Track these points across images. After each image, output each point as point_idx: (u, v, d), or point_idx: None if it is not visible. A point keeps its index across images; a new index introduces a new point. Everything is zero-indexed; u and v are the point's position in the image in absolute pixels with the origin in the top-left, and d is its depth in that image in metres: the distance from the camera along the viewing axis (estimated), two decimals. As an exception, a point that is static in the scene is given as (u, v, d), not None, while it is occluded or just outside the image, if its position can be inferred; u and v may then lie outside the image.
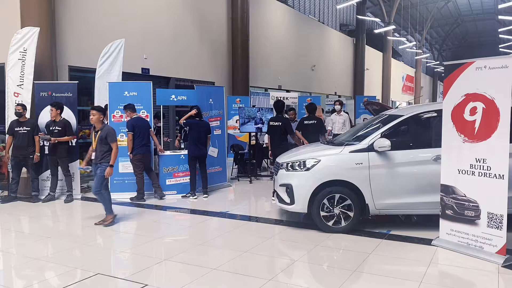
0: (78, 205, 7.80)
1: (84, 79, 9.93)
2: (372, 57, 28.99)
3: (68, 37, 9.62)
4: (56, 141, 7.58)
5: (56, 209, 7.46)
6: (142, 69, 11.69)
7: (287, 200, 5.90)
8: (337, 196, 5.69)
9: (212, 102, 9.11)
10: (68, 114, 8.23)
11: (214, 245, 5.40)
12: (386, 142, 5.52)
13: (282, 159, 6.33)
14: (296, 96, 11.42)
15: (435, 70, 49.41)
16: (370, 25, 30.16)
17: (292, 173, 5.90)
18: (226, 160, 9.66)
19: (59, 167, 7.86)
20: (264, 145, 11.12)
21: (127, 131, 7.87)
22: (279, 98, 11.49)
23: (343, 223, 5.72)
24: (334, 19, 25.63)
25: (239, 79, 14.94)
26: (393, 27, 25.69)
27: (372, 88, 28.83)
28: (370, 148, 5.67)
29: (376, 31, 25.62)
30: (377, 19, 24.09)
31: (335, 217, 5.72)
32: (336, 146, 6.06)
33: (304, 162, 5.83)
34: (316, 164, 5.73)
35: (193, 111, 8.15)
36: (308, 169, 5.76)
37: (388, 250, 5.15)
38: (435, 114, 5.77)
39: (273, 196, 7.08)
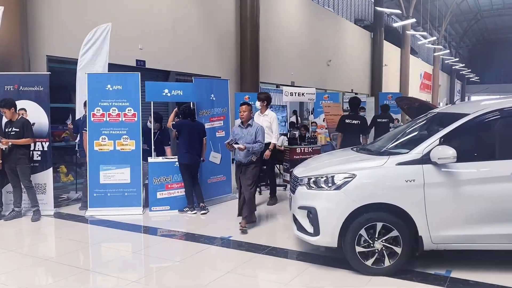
0: (47, 224, 6.32)
1: (66, 71, 8.49)
2: (390, 53, 27.25)
3: (46, 21, 8.18)
4: (10, 145, 6.10)
5: (17, 230, 6.01)
6: (137, 61, 10.25)
7: (310, 229, 4.34)
8: (379, 225, 4.13)
9: (214, 98, 7.58)
10: (38, 112, 6.78)
11: (209, 294, 3.89)
12: (450, 151, 3.95)
13: (300, 171, 4.77)
14: (314, 92, 9.86)
15: (453, 67, 47.31)
16: (386, 20, 28.44)
17: (316, 193, 4.33)
18: (231, 167, 8.11)
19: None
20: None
21: None
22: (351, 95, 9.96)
23: (386, 262, 4.16)
24: (349, 13, 23.98)
25: (248, 73, 13.41)
26: (414, 20, 23.94)
27: (390, 85, 27.11)
28: (425, 160, 4.09)
29: (395, 24, 23.95)
30: (396, 11, 22.34)
31: (376, 254, 4.16)
32: (375, 156, 4.49)
33: (333, 177, 4.26)
34: (350, 180, 4.17)
35: (176, 110, 6.74)
36: (338, 187, 4.20)
37: (457, 307, 3.59)
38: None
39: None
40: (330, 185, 4.25)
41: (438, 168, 4.08)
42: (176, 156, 6.87)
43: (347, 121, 7.67)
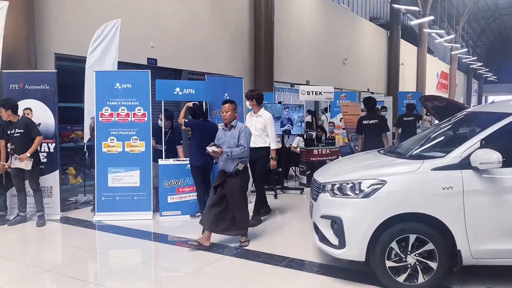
0: (52, 230, 6.00)
1: (77, 70, 8.16)
2: (406, 51, 26.61)
3: (54, 17, 7.89)
4: (29, 157, 5.85)
5: (21, 236, 5.70)
6: (148, 59, 9.92)
7: (334, 241, 3.93)
8: (412, 237, 3.70)
9: (227, 97, 7.19)
10: (44, 112, 6.49)
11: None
12: (494, 155, 3.50)
13: (323, 176, 4.36)
14: (332, 91, 9.44)
15: (470, 66, 46.26)
16: (402, 18, 27.80)
17: (341, 201, 3.92)
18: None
19: (27, 181, 6.09)
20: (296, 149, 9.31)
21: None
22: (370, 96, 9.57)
23: (420, 279, 3.73)
24: (364, 11, 23.45)
25: (262, 72, 13.01)
26: (432, 17, 23.28)
27: (406, 85, 26.48)
28: (464, 164, 3.66)
29: (412, 22, 23.33)
30: (414, 8, 21.73)
31: (409, 270, 3.74)
32: (407, 160, 4.06)
33: (360, 183, 3.85)
34: (380, 187, 3.74)
35: (189, 103, 6.38)
36: (367, 194, 3.78)
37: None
38: None
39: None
40: (357, 192, 3.83)
41: (479, 174, 3.64)
42: (188, 158, 6.51)
43: (364, 122, 7.46)
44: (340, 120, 11.68)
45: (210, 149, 4.91)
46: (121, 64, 7.86)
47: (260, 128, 6.23)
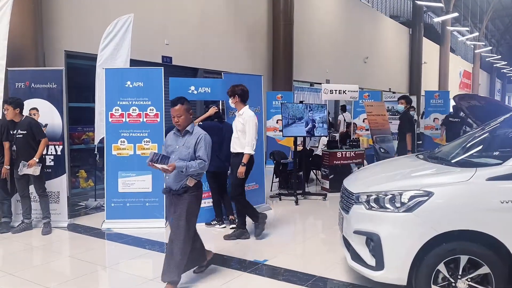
0: (58, 239, 5.60)
1: (90, 68, 7.81)
2: (428, 50, 25.80)
3: (63, 12, 7.54)
4: (38, 162, 5.52)
5: (24, 246, 5.30)
6: (163, 57, 9.54)
7: (370, 261, 3.40)
8: (463, 259, 3.17)
9: (245, 97, 6.72)
10: (51, 112, 6.09)
11: None
12: None
13: (355, 185, 3.83)
14: (356, 89, 8.92)
15: (494, 65, 44.86)
16: (423, 17, 27.00)
17: (379, 214, 3.40)
18: (264, 174, 7.22)
19: (32, 185, 5.71)
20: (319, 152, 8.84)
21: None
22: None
23: (473, 307, 3.20)
24: (384, 9, 22.75)
25: (281, 71, 12.53)
26: (456, 14, 22.44)
27: (428, 84, 25.68)
28: (527, 174, 3.12)
29: (435, 19, 22.55)
30: (438, 4, 20.97)
31: (460, 296, 3.21)
32: (455, 167, 3.51)
33: (401, 195, 3.32)
34: (426, 199, 3.21)
35: (213, 109, 5.89)
36: (409, 208, 3.25)
37: None
38: None
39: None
40: (398, 205, 3.30)
41: (545, 185, 3.09)
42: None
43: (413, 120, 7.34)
44: (363, 121, 11.12)
45: (159, 166, 3.70)
46: (134, 62, 7.50)
47: (239, 130, 5.26)
